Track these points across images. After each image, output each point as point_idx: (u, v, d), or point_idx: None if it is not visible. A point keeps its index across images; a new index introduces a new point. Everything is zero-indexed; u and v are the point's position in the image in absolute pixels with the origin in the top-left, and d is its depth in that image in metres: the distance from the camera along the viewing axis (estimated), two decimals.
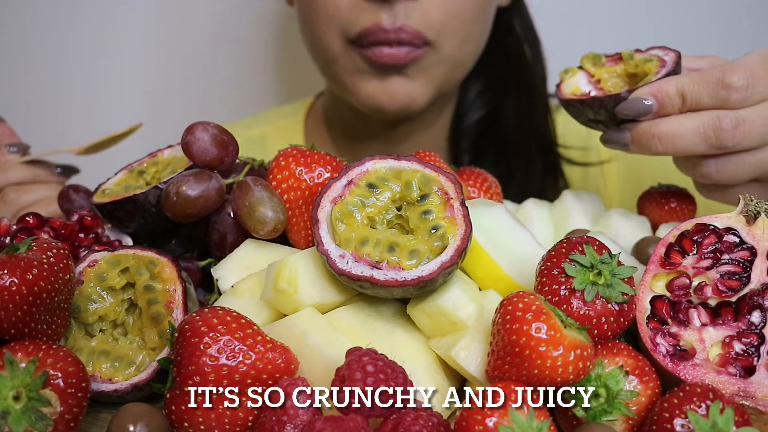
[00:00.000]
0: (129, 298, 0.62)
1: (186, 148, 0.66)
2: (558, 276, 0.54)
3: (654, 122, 0.71)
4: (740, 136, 0.68)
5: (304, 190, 0.64)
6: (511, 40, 1.15)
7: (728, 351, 0.55)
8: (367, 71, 1.00)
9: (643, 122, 0.71)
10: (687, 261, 0.58)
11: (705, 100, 0.69)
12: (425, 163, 0.60)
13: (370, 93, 1.01)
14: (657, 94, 0.71)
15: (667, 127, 0.71)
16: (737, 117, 0.68)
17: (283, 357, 0.51)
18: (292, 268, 0.57)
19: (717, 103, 0.69)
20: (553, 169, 1.16)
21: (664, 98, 0.71)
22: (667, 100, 0.71)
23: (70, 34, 1.45)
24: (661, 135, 0.70)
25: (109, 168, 0.94)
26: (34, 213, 0.68)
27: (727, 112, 0.69)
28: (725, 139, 0.68)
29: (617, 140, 0.74)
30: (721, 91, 0.69)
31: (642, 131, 0.72)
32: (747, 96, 0.68)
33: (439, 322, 0.56)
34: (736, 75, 0.68)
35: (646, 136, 0.71)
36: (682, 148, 0.70)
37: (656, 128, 0.71)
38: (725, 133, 0.68)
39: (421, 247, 0.55)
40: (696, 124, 0.69)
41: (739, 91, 0.68)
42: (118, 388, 0.57)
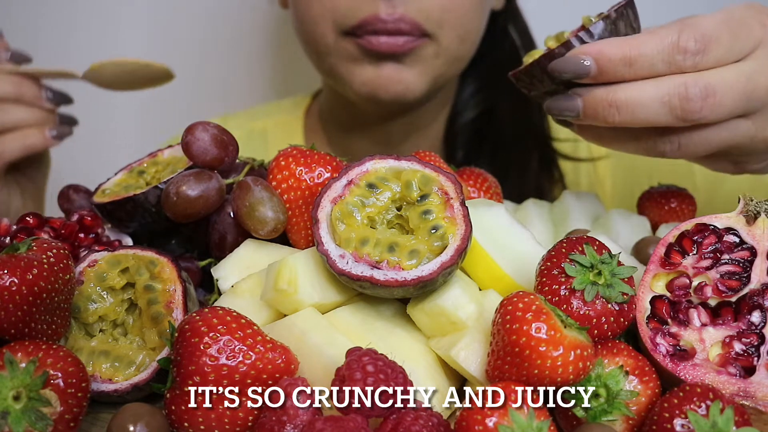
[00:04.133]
0: (129, 298, 0.62)
1: (186, 148, 0.66)
2: (558, 276, 0.54)
3: (611, 88, 0.62)
4: (708, 108, 0.61)
5: (304, 190, 0.64)
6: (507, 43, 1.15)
7: (728, 351, 0.55)
8: (360, 59, 0.99)
9: (599, 88, 0.63)
10: (687, 261, 0.58)
11: (659, 66, 0.61)
12: (425, 163, 0.60)
13: (365, 80, 1.00)
14: (598, 55, 0.62)
15: (626, 94, 0.62)
16: (707, 86, 0.61)
17: (283, 357, 0.51)
18: (292, 268, 0.57)
19: (672, 69, 0.61)
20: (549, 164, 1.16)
21: (605, 63, 0.62)
22: (608, 65, 0.62)
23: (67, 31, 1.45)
24: (620, 103, 0.62)
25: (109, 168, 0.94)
26: (34, 213, 0.68)
27: (696, 80, 0.61)
28: (692, 111, 0.61)
29: (565, 108, 0.65)
30: (677, 55, 0.61)
31: (597, 98, 0.63)
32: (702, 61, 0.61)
33: (439, 322, 0.56)
34: (692, 38, 0.61)
35: (602, 105, 0.62)
36: (642, 118, 0.62)
37: (614, 95, 0.62)
38: (693, 104, 0.61)
39: (421, 247, 0.55)
40: (660, 92, 0.61)
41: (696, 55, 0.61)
42: (118, 388, 0.57)
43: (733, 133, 0.64)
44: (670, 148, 0.65)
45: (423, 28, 0.97)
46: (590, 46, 0.63)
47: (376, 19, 0.95)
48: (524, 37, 1.16)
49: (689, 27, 0.61)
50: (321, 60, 1.04)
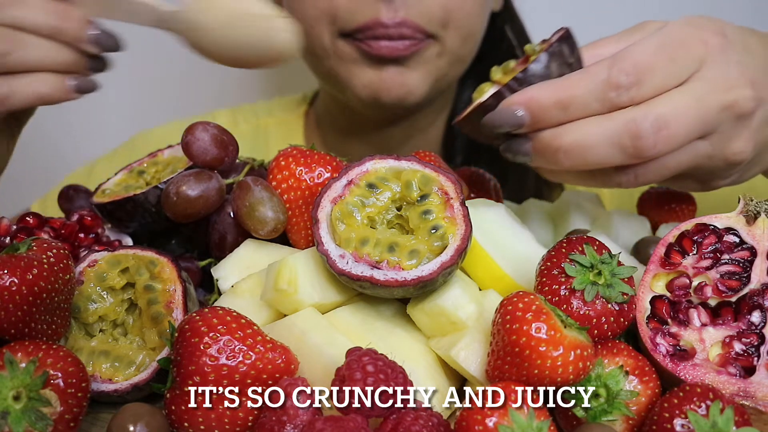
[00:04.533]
0: (129, 298, 0.62)
1: (186, 148, 0.66)
2: (558, 276, 0.54)
3: (557, 132, 0.59)
4: (663, 141, 0.58)
5: (304, 190, 0.64)
6: (504, 44, 1.15)
7: (728, 351, 0.55)
8: (360, 61, 0.97)
9: (545, 132, 0.59)
10: (687, 261, 0.58)
11: (594, 105, 0.58)
12: (425, 163, 0.60)
13: (366, 83, 0.97)
14: (529, 104, 0.59)
15: (572, 138, 0.58)
16: (658, 119, 0.57)
17: (283, 357, 0.51)
18: (292, 268, 0.57)
19: (608, 107, 0.58)
20: None
21: (538, 111, 0.59)
22: (542, 113, 0.59)
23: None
24: (567, 148, 0.58)
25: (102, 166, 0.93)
26: (34, 213, 0.68)
27: (646, 114, 0.57)
28: (646, 149, 0.57)
29: (516, 151, 0.62)
30: (610, 92, 0.58)
31: (543, 143, 0.60)
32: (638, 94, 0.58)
33: (439, 322, 0.56)
34: (623, 72, 0.58)
35: (550, 150, 0.59)
36: (594, 161, 0.59)
37: (560, 139, 0.59)
38: (645, 141, 0.57)
39: (421, 247, 0.55)
40: (609, 132, 0.58)
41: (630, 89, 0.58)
42: (118, 388, 0.57)
43: (691, 155, 0.61)
44: (626, 179, 0.62)
45: (426, 31, 0.95)
46: (520, 94, 0.59)
47: (377, 24, 0.92)
48: (521, 38, 1.16)
49: (619, 61, 0.59)
50: (319, 63, 1.02)
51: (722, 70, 0.60)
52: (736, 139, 0.62)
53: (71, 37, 0.67)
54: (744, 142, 0.62)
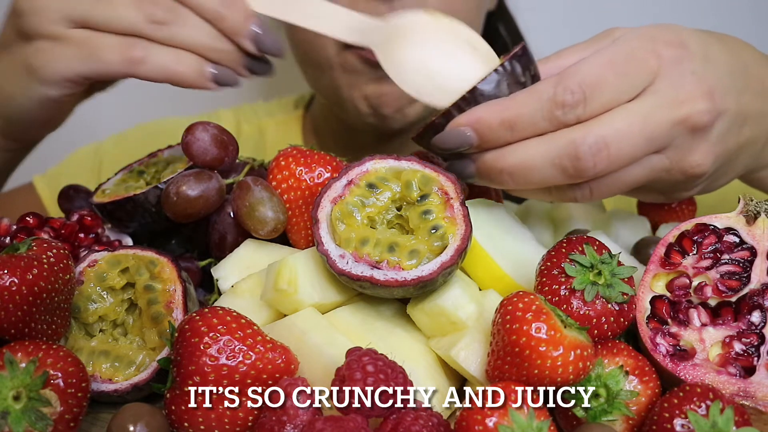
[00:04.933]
0: (129, 298, 0.62)
1: (186, 148, 0.66)
2: (558, 276, 0.54)
3: (500, 153, 0.58)
4: (603, 162, 0.57)
5: (304, 190, 0.64)
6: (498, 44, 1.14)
7: (728, 351, 0.55)
8: (363, 72, 0.96)
9: (488, 153, 0.59)
10: (687, 261, 0.58)
11: (541, 124, 0.57)
12: (425, 163, 0.60)
13: (367, 95, 0.97)
14: (476, 124, 0.58)
15: (515, 159, 0.58)
16: (597, 141, 0.56)
17: (283, 357, 0.51)
18: (292, 268, 0.57)
19: (555, 125, 0.57)
20: None
21: (484, 131, 0.58)
22: (488, 132, 0.58)
23: None
24: (511, 169, 0.58)
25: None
26: (34, 213, 0.68)
27: (585, 135, 0.57)
28: (585, 170, 0.57)
29: (460, 173, 0.60)
30: (556, 111, 0.57)
31: (487, 164, 0.59)
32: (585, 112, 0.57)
33: (439, 322, 0.56)
34: (568, 90, 0.57)
35: (494, 171, 0.59)
36: (537, 182, 0.58)
37: (503, 161, 0.58)
38: (584, 163, 0.57)
39: (421, 247, 0.55)
40: (549, 154, 0.57)
41: (576, 107, 0.57)
42: (118, 388, 0.57)
43: (646, 170, 0.60)
44: (581, 195, 0.61)
45: None
46: (467, 115, 0.59)
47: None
48: (514, 37, 1.15)
49: (565, 78, 0.58)
50: (321, 75, 1.00)
51: (675, 84, 0.59)
52: (693, 152, 0.61)
53: (230, 27, 0.66)
54: (702, 156, 0.61)
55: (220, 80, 0.68)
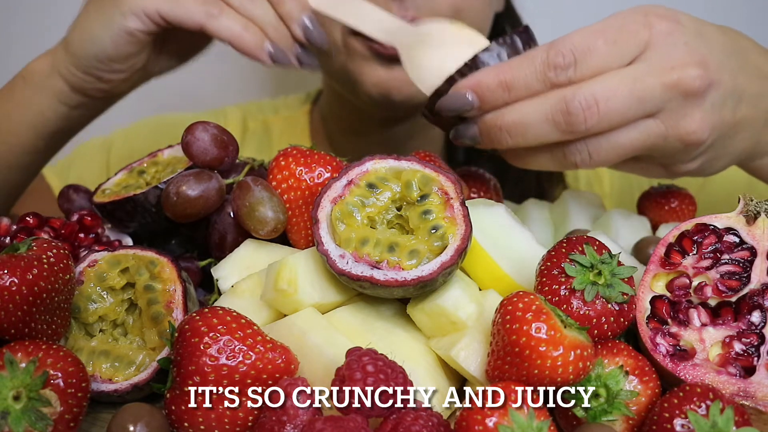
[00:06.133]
0: (129, 298, 0.62)
1: (186, 148, 0.66)
2: (558, 276, 0.54)
3: (499, 113, 0.63)
4: (593, 118, 0.61)
5: (304, 190, 0.64)
6: None
7: (728, 351, 0.55)
8: (370, 59, 0.97)
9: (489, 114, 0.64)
10: (687, 261, 0.58)
11: (535, 85, 0.62)
12: (425, 163, 0.60)
13: (376, 81, 0.98)
14: (476, 87, 0.63)
15: (512, 117, 0.63)
16: (587, 98, 0.60)
17: (283, 357, 0.51)
18: (292, 268, 0.57)
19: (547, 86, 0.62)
20: None
21: (483, 92, 0.63)
22: (488, 93, 0.63)
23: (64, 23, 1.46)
24: (508, 126, 0.63)
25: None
26: (34, 213, 0.68)
27: (575, 92, 0.61)
28: (577, 124, 0.61)
29: (465, 135, 0.66)
30: (549, 72, 0.61)
31: (488, 124, 0.64)
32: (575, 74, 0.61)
33: (439, 322, 0.56)
34: (560, 53, 0.61)
35: (494, 130, 0.64)
36: (533, 138, 0.63)
37: (502, 119, 0.63)
38: (575, 117, 0.61)
39: (421, 247, 0.55)
40: (543, 110, 0.62)
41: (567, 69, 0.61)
42: (118, 388, 0.57)
43: (642, 134, 0.63)
44: (581, 158, 0.64)
45: None
46: (467, 79, 0.64)
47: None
48: None
49: (558, 43, 0.62)
50: (329, 59, 1.02)
51: (667, 53, 0.62)
52: (688, 118, 0.63)
53: (286, 12, 0.75)
54: (697, 123, 0.63)
55: (276, 57, 0.76)
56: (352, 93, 1.04)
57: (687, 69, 0.62)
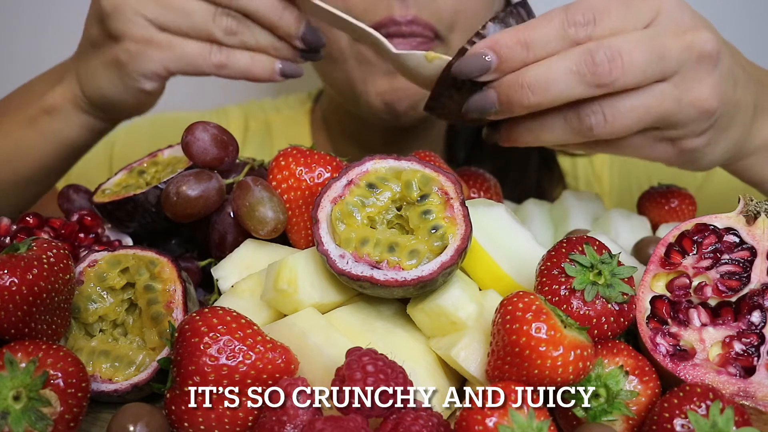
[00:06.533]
0: (129, 298, 0.62)
1: (186, 148, 0.66)
2: (558, 276, 0.54)
3: (520, 71, 0.63)
4: (618, 70, 0.61)
5: (304, 190, 0.64)
6: None
7: (728, 351, 0.55)
8: (376, 63, 0.97)
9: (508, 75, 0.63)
10: (687, 261, 0.58)
11: (554, 43, 0.62)
12: (425, 163, 0.60)
13: (381, 91, 0.98)
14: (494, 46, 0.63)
15: (535, 73, 0.62)
16: (611, 48, 0.61)
17: (283, 357, 0.51)
18: (292, 268, 0.57)
19: (567, 44, 0.62)
20: (549, 161, 1.16)
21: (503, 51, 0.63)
22: (506, 51, 0.63)
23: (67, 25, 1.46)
24: (531, 83, 0.62)
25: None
26: (34, 213, 0.68)
27: (599, 44, 0.61)
28: (603, 75, 0.61)
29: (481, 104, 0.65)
30: (569, 29, 0.62)
31: (508, 84, 0.63)
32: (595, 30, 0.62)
33: (439, 322, 0.56)
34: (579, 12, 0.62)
35: (514, 88, 0.63)
36: (556, 94, 0.62)
37: (523, 77, 0.63)
38: (601, 68, 0.61)
39: (421, 247, 0.55)
40: (567, 64, 0.62)
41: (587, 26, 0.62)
42: (118, 388, 0.57)
43: (658, 98, 0.64)
44: (596, 120, 0.64)
45: (435, 29, 0.95)
46: (484, 41, 0.64)
47: (391, 21, 0.93)
48: None
49: (574, 4, 0.63)
50: (335, 68, 1.02)
51: (678, 18, 0.64)
52: (701, 83, 0.64)
53: (285, 32, 0.78)
54: (710, 89, 0.64)
55: (287, 72, 0.81)
56: (355, 105, 1.04)
57: (699, 32, 0.63)
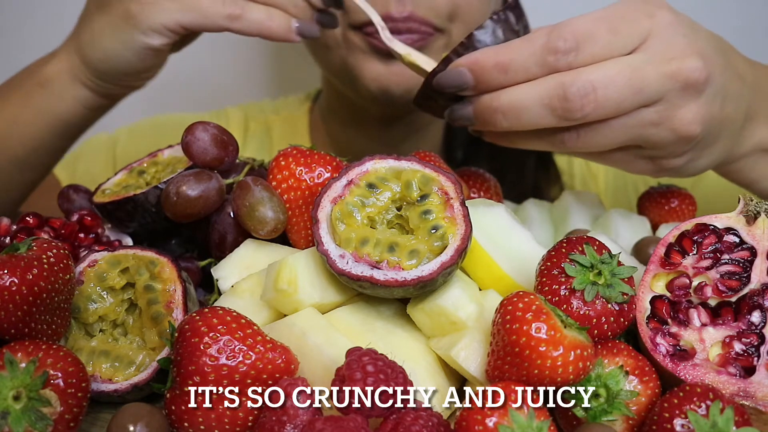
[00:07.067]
0: (129, 298, 0.62)
1: (186, 148, 0.66)
2: (558, 276, 0.54)
3: (495, 94, 0.63)
4: (590, 106, 0.60)
5: (304, 190, 0.64)
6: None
7: (728, 351, 0.55)
8: (370, 54, 0.97)
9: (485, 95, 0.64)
10: (687, 261, 0.58)
11: (533, 69, 0.61)
12: (425, 163, 0.60)
13: (375, 75, 0.98)
14: (473, 66, 0.63)
15: (508, 99, 0.62)
16: (585, 84, 0.60)
17: (283, 357, 0.51)
18: (292, 268, 0.57)
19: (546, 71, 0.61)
20: (546, 161, 1.16)
21: (480, 73, 0.63)
22: (484, 74, 0.62)
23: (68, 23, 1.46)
24: (503, 108, 0.62)
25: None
26: (34, 213, 0.68)
27: (574, 78, 0.60)
28: (573, 111, 0.60)
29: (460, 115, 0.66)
30: (549, 57, 0.60)
31: (483, 105, 0.64)
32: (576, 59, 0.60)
33: (439, 322, 0.56)
34: (561, 38, 0.60)
35: (488, 111, 0.63)
36: (527, 122, 0.62)
37: (497, 101, 0.62)
38: (572, 104, 0.60)
39: (421, 247, 0.55)
40: (539, 94, 0.61)
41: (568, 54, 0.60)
42: (118, 388, 0.57)
43: (636, 122, 0.63)
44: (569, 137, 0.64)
45: (433, 24, 0.95)
46: (465, 57, 0.64)
47: (387, 18, 0.92)
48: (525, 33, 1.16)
49: (559, 28, 0.61)
50: (329, 55, 1.02)
51: (667, 42, 0.62)
52: (684, 109, 0.63)
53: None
54: (692, 114, 0.63)
55: (304, 32, 0.79)
56: (351, 88, 1.04)
57: (687, 60, 0.62)
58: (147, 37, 0.77)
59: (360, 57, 0.98)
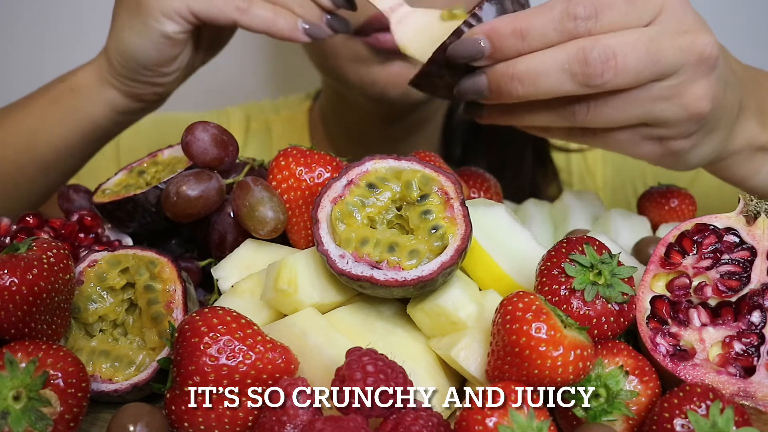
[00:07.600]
0: (129, 298, 0.62)
1: (186, 148, 0.66)
2: (558, 276, 0.54)
3: (511, 62, 0.62)
4: (611, 72, 0.60)
5: (304, 190, 0.64)
6: None
7: (728, 351, 0.55)
8: (368, 58, 0.97)
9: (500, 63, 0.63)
10: (687, 261, 0.58)
11: (551, 35, 0.61)
12: (425, 163, 0.60)
13: (373, 79, 0.98)
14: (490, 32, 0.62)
15: (526, 65, 0.61)
16: (606, 50, 0.59)
17: (283, 357, 0.51)
18: (292, 268, 0.57)
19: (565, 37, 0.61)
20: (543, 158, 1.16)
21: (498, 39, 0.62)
22: (501, 41, 0.61)
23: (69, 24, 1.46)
24: (521, 75, 0.61)
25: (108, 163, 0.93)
26: (34, 213, 0.68)
27: (594, 43, 0.60)
28: (593, 77, 0.60)
29: (472, 88, 0.65)
30: (568, 23, 0.60)
31: (498, 73, 0.63)
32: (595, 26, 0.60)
33: (439, 322, 0.56)
34: (581, 4, 0.60)
35: (504, 79, 0.62)
36: (545, 88, 0.61)
37: (513, 68, 0.62)
38: (593, 69, 0.59)
39: (421, 247, 0.55)
40: (559, 59, 0.60)
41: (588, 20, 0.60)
42: (118, 388, 0.57)
43: (650, 96, 0.62)
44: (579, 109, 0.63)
45: None
46: (481, 26, 0.63)
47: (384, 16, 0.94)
48: None
49: None
50: (327, 61, 1.02)
51: (680, 18, 0.62)
52: (696, 85, 0.63)
53: None
54: (704, 90, 0.63)
55: (311, 33, 0.79)
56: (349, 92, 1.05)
57: (700, 35, 0.62)
58: (159, 23, 0.78)
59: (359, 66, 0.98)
